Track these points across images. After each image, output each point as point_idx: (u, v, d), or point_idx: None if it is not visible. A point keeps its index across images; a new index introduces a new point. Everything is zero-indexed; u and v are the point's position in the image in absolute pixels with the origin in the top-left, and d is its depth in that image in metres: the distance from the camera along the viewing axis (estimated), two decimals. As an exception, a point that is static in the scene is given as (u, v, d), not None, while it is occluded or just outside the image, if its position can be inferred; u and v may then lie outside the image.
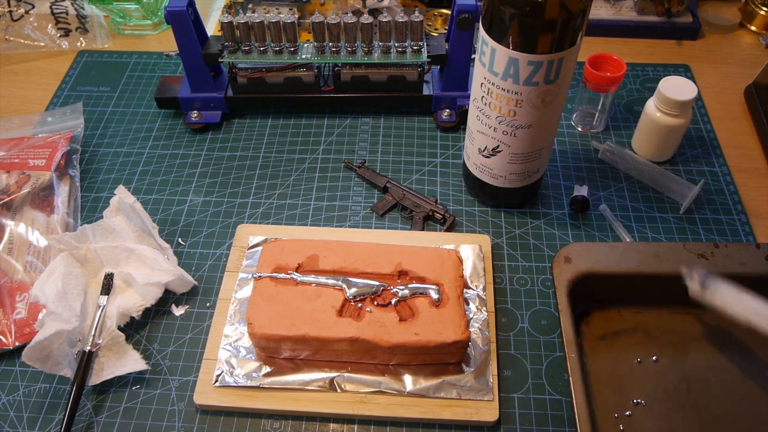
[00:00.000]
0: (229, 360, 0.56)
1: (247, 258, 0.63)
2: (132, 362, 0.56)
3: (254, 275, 0.57)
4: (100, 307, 0.58)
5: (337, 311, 0.54)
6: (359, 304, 0.55)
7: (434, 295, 0.55)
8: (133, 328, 0.60)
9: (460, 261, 0.59)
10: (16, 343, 0.58)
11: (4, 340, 0.58)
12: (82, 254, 0.61)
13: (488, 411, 0.53)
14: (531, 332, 0.60)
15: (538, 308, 0.61)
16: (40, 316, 0.55)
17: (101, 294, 0.59)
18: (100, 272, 0.61)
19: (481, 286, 0.61)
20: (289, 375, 0.55)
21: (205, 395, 0.54)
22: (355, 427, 0.54)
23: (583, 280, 0.57)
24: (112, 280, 0.60)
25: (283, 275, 0.57)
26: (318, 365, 0.56)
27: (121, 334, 0.57)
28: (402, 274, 0.58)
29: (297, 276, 0.57)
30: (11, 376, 0.57)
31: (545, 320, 0.60)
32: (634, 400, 0.55)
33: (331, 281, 0.56)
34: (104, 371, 0.56)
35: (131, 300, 0.59)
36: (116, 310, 0.58)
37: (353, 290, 0.56)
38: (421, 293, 0.56)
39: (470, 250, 0.63)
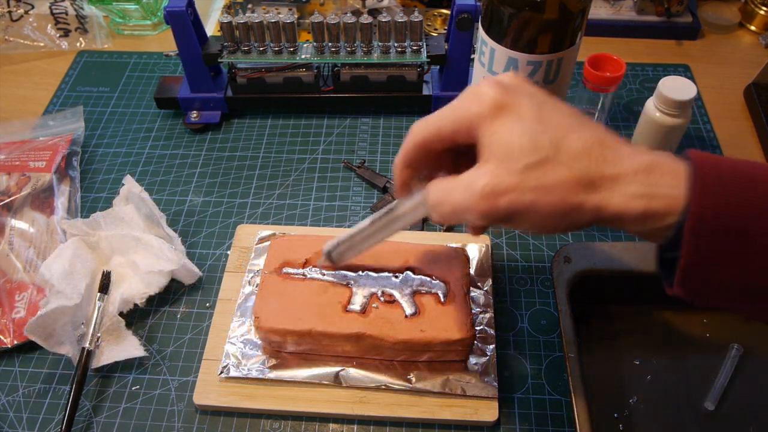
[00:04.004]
0: (235, 353, 0.56)
1: (254, 252, 0.63)
2: (131, 348, 0.57)
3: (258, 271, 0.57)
4: (98, 306, 0.58)
5: (343, 306, 0.54)
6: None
7: (440, 293, 0.55)
8: (133, 329, 0.60)
9: (468, 259, 0.59)
10: (15, 342, 0.58)
11: (3, 339, 0.58)
12: (93, 241, 0.61)
13: (488, 411, 0.53)
14: (531, 332, 0.60)
15: (537, 308, 0.61)
16: (47, 293, 0.56)
17: (99, 292, 0.59)
18: (110, 260, 0.62)
19: (487, 285, 0.61)
20: (294, 369, 0.55)
21: (204, 395, 0.54)
22: (355, 427, 0.54)
23: (582, 280, 0.57)
24: (109, 278, 0.60)
25: (290, 270, 0.57)
26: (324, 360, 0.56)
27: (122, 319, 0.58)
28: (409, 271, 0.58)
29: (304, 271, 0.57)
30: (11, 376, 0.57)
31: (545, 320, 0.60)
32: (634, 400, 0.55)
33: (338, 278, 0.56)
34: (104, 355, 0.56)
35: (135, 287, 0.60)
36: (120, 296, 0.59)
37: (360, 287, 0.56)
38: (427, 290, 0.56)
39: (477, 249, 0.63)
